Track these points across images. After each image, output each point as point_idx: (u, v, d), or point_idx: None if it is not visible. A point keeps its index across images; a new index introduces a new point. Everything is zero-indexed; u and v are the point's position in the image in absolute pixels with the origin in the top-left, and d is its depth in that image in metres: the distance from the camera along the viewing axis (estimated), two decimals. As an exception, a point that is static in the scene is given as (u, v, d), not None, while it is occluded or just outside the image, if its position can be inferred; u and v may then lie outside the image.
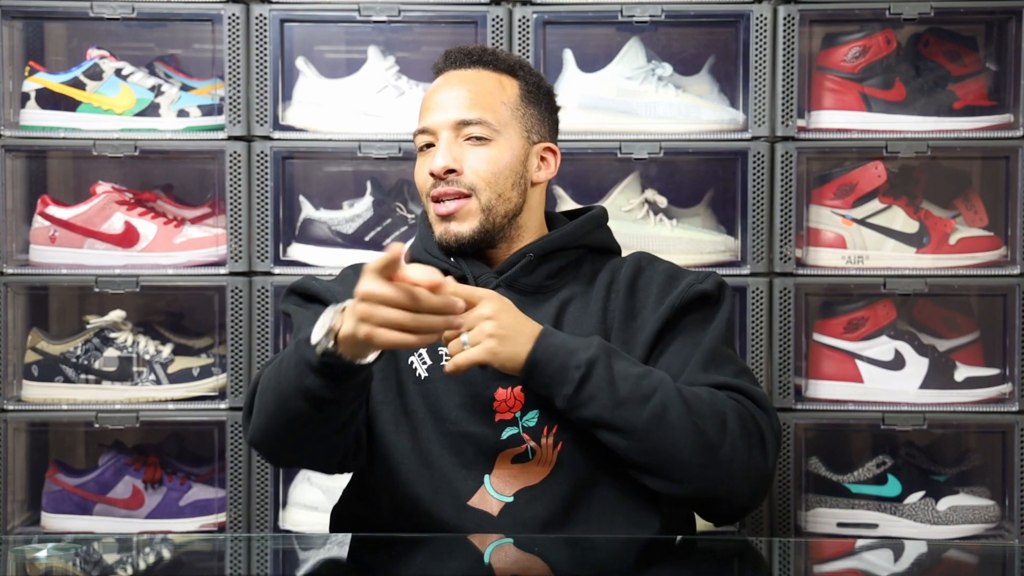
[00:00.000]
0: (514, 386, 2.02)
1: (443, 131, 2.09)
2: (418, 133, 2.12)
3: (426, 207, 2.12)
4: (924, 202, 2.76)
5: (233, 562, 1.84)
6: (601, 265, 2.15)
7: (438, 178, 2.07)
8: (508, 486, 2.01)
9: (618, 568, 1.80)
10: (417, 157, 2.14)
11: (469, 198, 2.07)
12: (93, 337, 2.72)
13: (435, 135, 2.10)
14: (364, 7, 2.67)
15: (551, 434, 2.02)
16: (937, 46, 2.74)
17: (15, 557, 1.86)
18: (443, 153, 2.07)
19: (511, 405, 2.03)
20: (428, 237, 2.14)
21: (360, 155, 2.67)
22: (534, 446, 2.02)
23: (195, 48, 2.90)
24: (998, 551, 2.25)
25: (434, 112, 2.10)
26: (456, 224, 2.08)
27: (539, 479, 2.01)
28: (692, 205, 2.80)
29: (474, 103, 2.09)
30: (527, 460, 2.02)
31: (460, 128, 2.08)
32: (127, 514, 2.72)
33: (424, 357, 2.06)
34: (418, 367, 2.06)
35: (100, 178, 2.77)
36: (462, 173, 2.07)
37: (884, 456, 2.70)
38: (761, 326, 2.64)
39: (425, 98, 2.14)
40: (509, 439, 2.02)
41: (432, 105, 2.11)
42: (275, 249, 2.68)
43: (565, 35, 2.77)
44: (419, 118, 2.14)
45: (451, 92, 2.11)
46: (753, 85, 2.64)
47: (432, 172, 2.07)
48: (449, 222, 2.08)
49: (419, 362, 2.06)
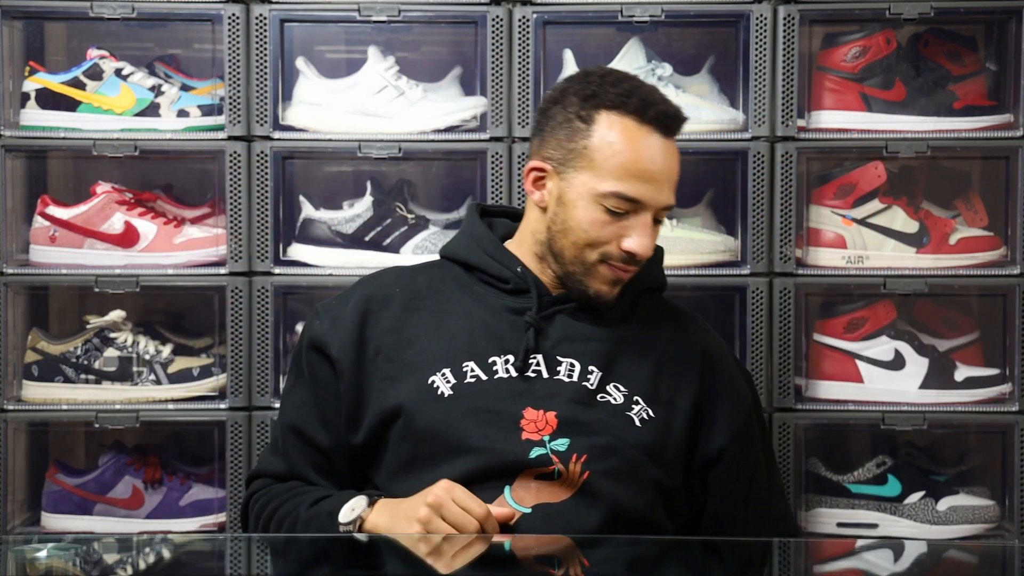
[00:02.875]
0: (548, 410, 2.02)
1: (652, 212, 2.04)
2: (625, 199, 2.01)
3: (587, 257, 2.03)
4: (924, 202, 2.76)
5: (233, 562, 1.84)
6: (652, 302, 2.16)
7: (631, 256, 2.03)
8: (528, 497, 2.00)
9: (621, 568, 1.80)
10: (598, 204, 2.01)
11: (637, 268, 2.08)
12: (93, 337, 2.72)
13: (638, 210, 2.02)
14: (364, 7, 2.67)
15: (579, 462, 2.01)
16: (937, 46, 2.74)
17: (15, 557, 1.86)
18: (650, 242, 2.04)
19: (540, 427, 2.01)
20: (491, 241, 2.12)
21: (360, 155, 2.67)
22: (561, 469, 2.01)
23: (195, 48, 2.90)
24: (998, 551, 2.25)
25: (650, 189, 2.01)
26: (619, 288, 2.07)
27: (560, 499, 2.00)
28: (692, 205, 2.80)
29: (675, 185, 2.06)
30: (552, 479, 2.01)
31: (661, 212, 2.06)
32: (127, 514, 2.72)
33: (448, 376, 2.04)
34: (441, 386, 2.04)
35: (100, 178, 2.77)
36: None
37: (884, 456, 2.70)
38: (761, 326, 2.64)
39: (633, 156, 2.00)
40: (537, 459, 2.00)
41: (649, 178, 2.01)
42: (275, 249, 2.68)
43: (565, 35, 2.77)
44: (621, 174, 2.00)
45: (668, 170, 2.04)
46: (753, 85, 2.64)
47: (636, 255, 2.03)
48: (615, 286, 2.06)
49: (442, 381, 2.04)
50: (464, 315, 2.07)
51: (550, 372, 2.04)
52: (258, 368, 2.65)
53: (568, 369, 2.04)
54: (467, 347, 2.04)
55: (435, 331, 2.06)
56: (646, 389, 2.06)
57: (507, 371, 2.03)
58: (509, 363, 2.03)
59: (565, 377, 2.03)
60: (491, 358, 2.04)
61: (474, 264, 2.11)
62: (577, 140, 2.03)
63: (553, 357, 2.04)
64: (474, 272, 2.12)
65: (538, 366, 2.04)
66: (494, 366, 2.03)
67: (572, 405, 2.02)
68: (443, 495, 1.91)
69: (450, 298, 2.09)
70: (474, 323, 2.06)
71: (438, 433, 2.01)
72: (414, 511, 1.92)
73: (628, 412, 2.04)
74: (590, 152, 2.02)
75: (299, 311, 2.77)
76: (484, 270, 2.10)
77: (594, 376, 2.04)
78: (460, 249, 2.14)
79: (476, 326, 2.06)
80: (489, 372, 2.03)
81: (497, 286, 2.09)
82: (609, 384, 2.05)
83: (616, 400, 2.04)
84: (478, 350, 2.04)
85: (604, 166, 2.01)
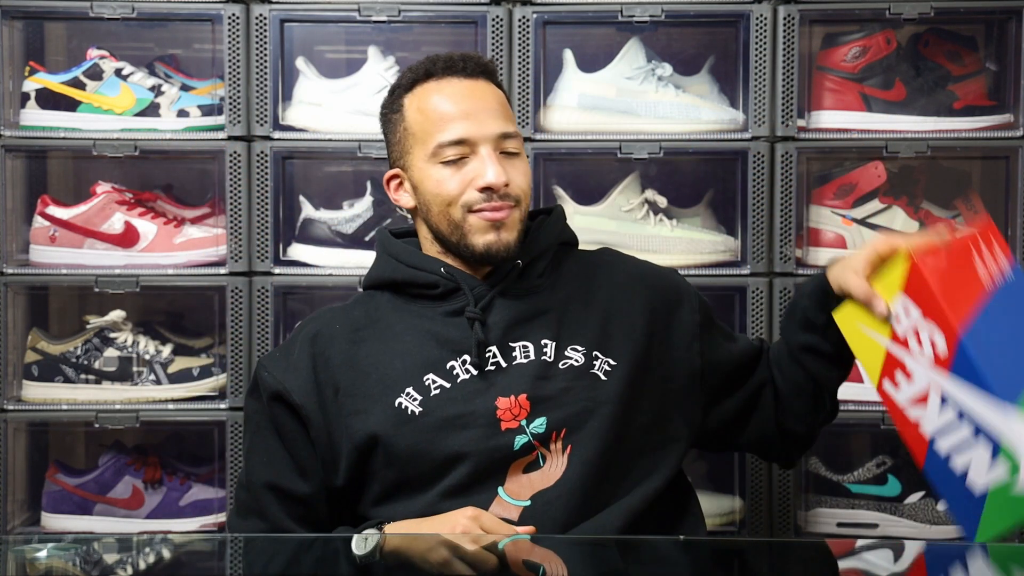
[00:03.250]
0: (517, 394, 2.02)
1: (485, 144, 2.04)
2: (449, 144, 2.04)
3: (453, 216, 2.05)
4: (924, 202, 2.76)
5: (233, 562, 1.84)
6: (572, 258, 2.16)
7: (488, 191, 2.04)
8: (523, 491, 2.00)
9: (620, 569, 1.80)
10: (436, 165, 2.05)
11: (514, 208, 2.06)
12: (93, 337, 2.72)
13: (474, 147, 2.04)
14: (364, 7, 2.67)
15: (560, 439, 2.02)
16: (937, 46, 2.74)
17: (15, 557, 1.86)
18: (498, 168, 2.03)
19: (516, 413, 2.01)
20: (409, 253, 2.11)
21: (360, 155, 2.67)
22: (544, 452, 2.01)
23: (195, 48, 2.90)
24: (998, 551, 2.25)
25: (470, 124, 2.04)
26: (506, 232, 2.05)
27: (553, 481, 2.01)
28: (692, 205, 2.80)
29: (506, 115, 2.07)
30: (539, 467, 2.01)
31: (500, 141, 2.05)
32: (127, 514, 2.72)
33: (413, 395, 2.03)
34: (409, 406, 2.02)
35: (100, 178, 2.77)
36: (508, 185, 2.04)
37: (884, 456, 2.71)
38: (761, 326, 2.64)
39: (438, 107, 2.05)
40: (522, 448, 2.01)
41: (461, 115, 2.04)
42: (275, 249, 2.68)
43: (565, 35, 2.77)
44: (437, 127, 2.05)
45: (479, 103, 2.06)
46: (753, 85, 2.65)
47: (491, 186, 2.02)
48: (500, 230, 2.04)
49: (408, 400, 2.02)
50: (409, 332, 2.06)
51: (507, 360, 2.04)
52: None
53: (523, 351, 2.04)
54: (422, 361, 2.04)
55: (387, 355, 2.05)
56: (600, 342, 2.07)
57: (467, 371, 2.03)
58: (467, 363, 2.03)
59: (523, 359, 2.04)
60: (448, 363, 2.03)
61: (400, 280, 2.09)
62: (398, 131, 2.10)
63: (506, 344, 2.04)
64: (402, 292, 2.10)
65: (495, 358, 2.04)
66: (454, 371, 2.03)
67: (537, 382, 2.02)
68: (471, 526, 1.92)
69: (390, 323, 2.08)
70: (421, 336, 2.05)
71: (421, 452, 2.01)
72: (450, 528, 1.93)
73: (591, 370, 2.05)
74: (410, 130, 2.07)
75: (299, 311, 2.77)
76: (410, 282, 2.08)
77: (549, 347, 2.05)
78: (383, 271, 2.13)
79: (424, 338, 2.05)
80: (451, 378, 2.03)
81: (428, 295, 2.08)
82: (566, 349, 2.06)
83: (578, 362, 2.05)
84: (434, 360, 2.03)
85: (424, 131, 2.06)
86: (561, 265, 2.14)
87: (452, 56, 2.10)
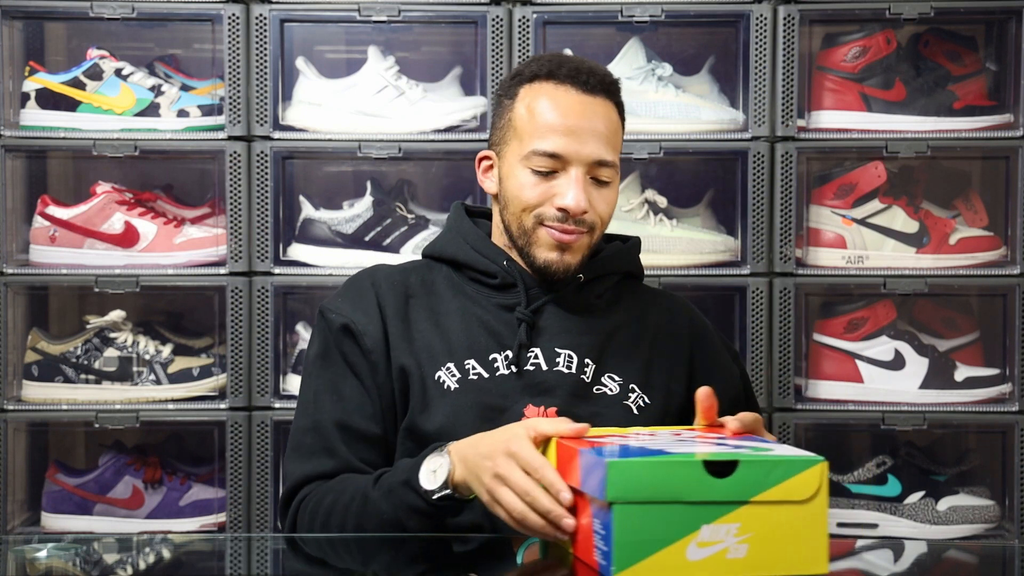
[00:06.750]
0: (548, 407, 2.01)
1: (578, 166, 2.02)
2: (543, 155, 2.01)
3: (525, 222, 2.04)
4: (924, 202, 2.76)
5: (233, 562, 1.84)
6: (633, 290, 2.16)
7: (564, 212, 2.02)
8: None
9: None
10: (525, 169, 2.03)
11: (585, 234, 2.05)
12: (93, 337, 2.72)
13: (566, 165, 2.02)
14: (364, 7, 2.67)
15: None
16: (937, 46, 2.74)
17: (15, 557, 1.86)
18: (581, 195, 2.01)
19: None
20: (478, 237, 2.11)
21: (360, 155, 2.67)
22: None
23: (195, 48, 2.90)
24: (998, 551, 2.25)
25: (569, 141, 2.01)
26: (570, 255, 2.04)
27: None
28: (692, 205, 2.80)
29: (609, 142, 2.04)
30: None
31: (594, 168, 2.03)
32: (127, 514, 2.72)
33: (453, 370, 2.03)
34: (447, 380, 2.03)
35: (100, 178, 2.77)
36: (587, 213, 2.03)
37: (884, 456, 2.71)
38: (761, 326, 2.64)
39: (544, 113, 2.02)
40: None
41: (564, 130, 2.02)
42: (275, 249, 2.68)
43: (565, 35, 2.77)
44: (538, 133, 2.02)
45: (589, 123, 2.03)
46: (753, 85, 2.65)
47: (569, 210, 2.01)
48: (564, 252, 2.04)
49: (447, 375, 2.03)
50: (459, 314, 2.07)
51: (549, 364, 2.03)
52: (258, 368, 2.65)
53: (567, 361, 2.04)
54: (467, 345, 2.04)
55: (434, 328, 2.06)
56: (640, 377, 2.07)
57: (508, 368, 2.03)
58: (508, 359, 2.03)
59: (564, 368, 2.03)
60: (491, 355, 2.03)
61: (461, 260, 2.10)
62: (504, 117, 2.08)
63: (551, 348, 2.04)
64: (462, 270, 2.11)
65: (536, 359, 2.04)
66: (495, 363, 2.03)
67: (571, 399, 2.02)
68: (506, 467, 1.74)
69: (443, 297, 2.09)
70: (470, 321, 2.06)
71: (444, 430, 2.00)
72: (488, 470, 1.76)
73: (625, 401, 2.04)
74: (514, 122, 2.06)
75: (299, 311, 2.77)
76: (471, 266, 2.09)
77: (590, 368, 2.04)
78: (447, 246, 2.13)
79: (473, 324, 2.06)
80: (491, 369, 2.03)
81: (485, 282, 2.09)
82: (604, 375, 2.05)
83: (612, 391, 2.05)
84: (478, 348, 2.04)
85: (525, 130, 2.04)
86: (621, 294, 2.14)
87: (579, 65, 2.06)
